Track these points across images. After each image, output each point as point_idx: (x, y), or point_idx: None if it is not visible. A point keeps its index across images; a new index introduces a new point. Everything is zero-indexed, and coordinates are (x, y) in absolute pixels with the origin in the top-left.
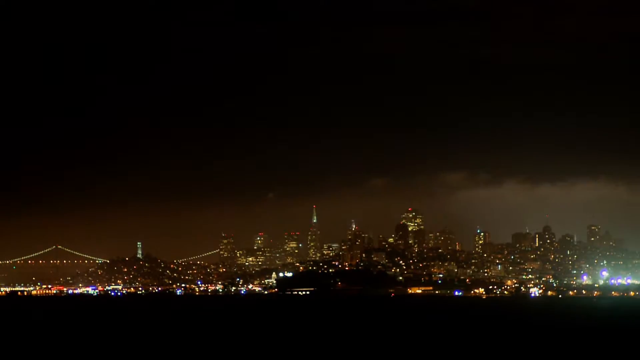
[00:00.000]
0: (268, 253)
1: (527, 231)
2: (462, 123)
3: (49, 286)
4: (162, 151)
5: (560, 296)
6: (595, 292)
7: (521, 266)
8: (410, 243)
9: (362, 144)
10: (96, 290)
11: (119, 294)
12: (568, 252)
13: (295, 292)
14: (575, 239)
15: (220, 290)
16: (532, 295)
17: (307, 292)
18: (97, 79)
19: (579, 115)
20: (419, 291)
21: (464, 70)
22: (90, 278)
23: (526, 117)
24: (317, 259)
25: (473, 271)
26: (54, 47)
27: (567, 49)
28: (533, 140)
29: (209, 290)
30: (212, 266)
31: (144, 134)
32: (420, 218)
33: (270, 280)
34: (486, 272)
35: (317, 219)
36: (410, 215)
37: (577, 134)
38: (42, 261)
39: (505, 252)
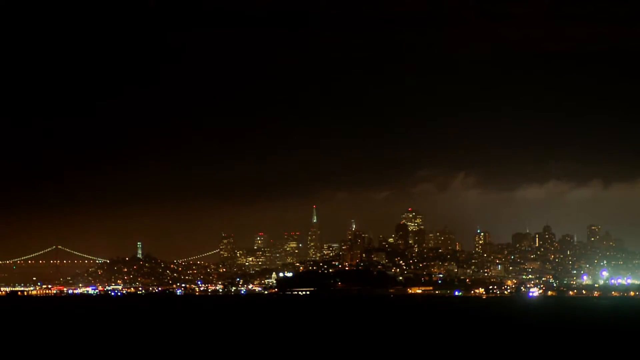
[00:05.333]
0: (268, 253)
1: (527, 231)
2: (462, 123)
3: (49, 286)
4: (162, 152)
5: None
6: (595, 292)
7: (521, 266)
8: (410, 243)
9: (362, 144)
10: (96, 290)
11: (119, 294)
12: (568, 252)
13: (295, 292)
14: (575, 239)
15: (220, 290)
16: (530, 295)
17: (307, 292)
18: (97, 81)
19: (579, 115)
20: (419, 291)
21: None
22: (90, 278)
23: (524, 117)
24: (317, 259)
25: (473, 271)
26: (56, 49)
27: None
28: (533, 140)
29: (209, 290)
30: (212, 266)
31: (144, 136)
32: (420, 218)
33: (270, 280)
34: (486, 272)
35: (317, 219)
36: (410, 215)
37: (577, 134)
38: (42, 261)
39: (505, 252)
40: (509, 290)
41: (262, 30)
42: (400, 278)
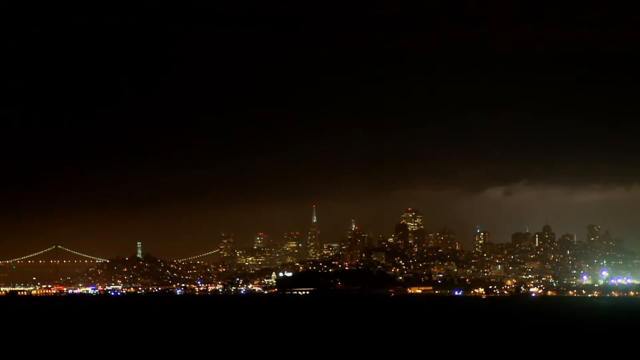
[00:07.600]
0: (268, 253)
1: (527, 231)
2: (461, 122)
3: (49, 286)
4: (162, 152)
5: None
6: (595, 292)
7: (521, 266)
8: (410, 243)
9: (362, 144)
10: (96, 290)
11: (118, 294)
12: (568, 252)
13: (295, 292)
14: (575, 239)
15: (220, 290)
16: (532, 295)
17: (307, 292)
18: (96, 82)
19: (579, 116)
20: (419, 291)
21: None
22: (90, 278)
23: (524, 118)
24: (317, 259)
25: (473, 271)
26: (55, 50)
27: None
28: (533, 141)
29: (209, 290)
30: (212, 266)
31: (144, 136)
32: (420, 218)
33: (270, 280)
34: (486, 272)
35: (317, 219)
36: (410, 215)
37: (577, 135)
38: (42, 261)
39: (505, 252)
40: (508, 290)
41: (261, 30)
42: (400, 278)
